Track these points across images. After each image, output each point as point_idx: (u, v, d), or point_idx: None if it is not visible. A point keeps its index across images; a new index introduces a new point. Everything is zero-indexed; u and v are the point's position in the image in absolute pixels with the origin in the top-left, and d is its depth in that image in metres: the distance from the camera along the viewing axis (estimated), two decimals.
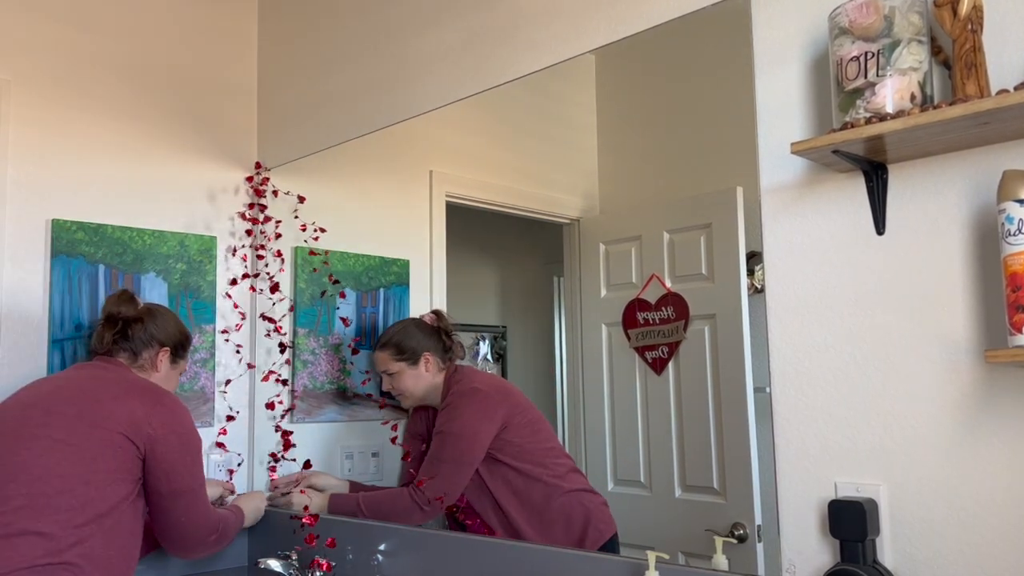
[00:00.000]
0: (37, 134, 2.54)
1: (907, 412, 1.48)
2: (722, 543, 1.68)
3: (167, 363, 2.32)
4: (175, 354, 2.35)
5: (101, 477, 1.92)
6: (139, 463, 2.01)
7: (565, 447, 2.03)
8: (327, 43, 2.78)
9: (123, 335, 2.25)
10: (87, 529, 1.87)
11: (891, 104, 1.38)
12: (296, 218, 2.81)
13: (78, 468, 1.90)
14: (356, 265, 2.64)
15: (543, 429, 2.10)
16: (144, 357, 2.27)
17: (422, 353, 2.34)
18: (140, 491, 2.04)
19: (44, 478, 1.88)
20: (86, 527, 1.87)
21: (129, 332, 2.26)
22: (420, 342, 2.35)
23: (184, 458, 2.06)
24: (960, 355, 1.43)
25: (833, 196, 1.58)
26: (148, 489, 2.03)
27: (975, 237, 1.42)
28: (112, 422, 1.98)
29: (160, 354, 2.29)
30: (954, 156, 1.44)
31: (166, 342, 2.31)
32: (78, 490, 1.89)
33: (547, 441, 2.08)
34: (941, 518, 1.43)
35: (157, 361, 2.29)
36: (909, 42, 1.37)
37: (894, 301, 1.50)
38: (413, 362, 2.35)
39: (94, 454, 1.93)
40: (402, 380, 2.37)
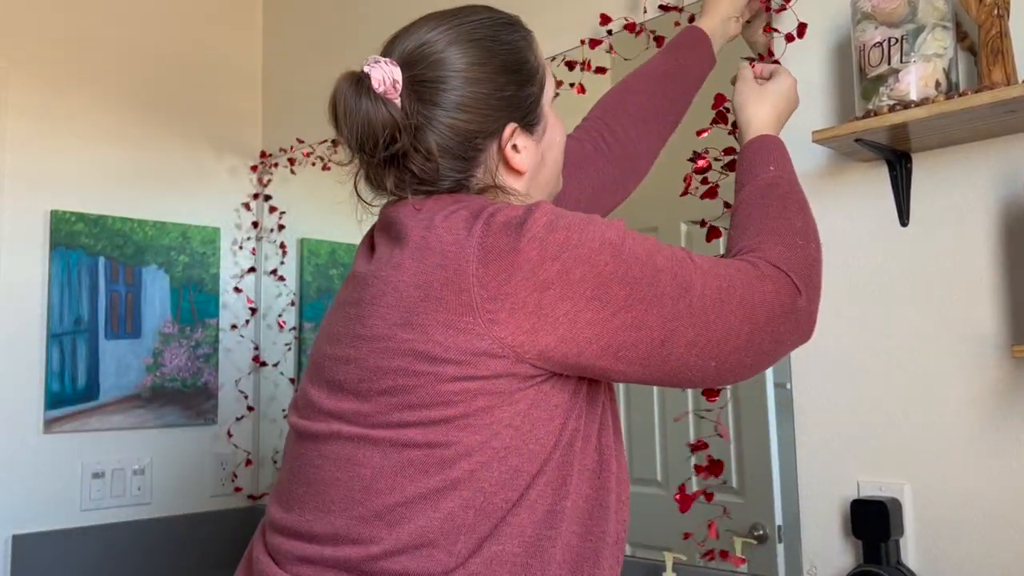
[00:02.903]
0: (35, 123, 2.57)
1: (932, 409, 1.49)
2: (741, 543, 1.70)
3: None
4: None
5: None
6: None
7: None
8: (334, 28, 2.80)
9: None
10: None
11: (915, 91, 1.39)
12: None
13: None
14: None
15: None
16: None
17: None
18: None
19: None
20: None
21: None
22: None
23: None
24: (987, 350, 1.44)
25: (855, 186, 1.59)
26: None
27: (1002, 228, 1.43)
28: None
29: None
30: (980, 145, 1.46)
31: None
32: None
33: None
34: (967, 518, 1.45)
35: None
36: (934, 28, 1.38)
37: (919, 294, 1.51)
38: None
39: None
40: None
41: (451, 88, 1.08)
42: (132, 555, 2.62)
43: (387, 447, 1.00)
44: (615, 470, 1.10)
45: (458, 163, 1.10)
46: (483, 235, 0.99)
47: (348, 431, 1.02)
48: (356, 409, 1.02)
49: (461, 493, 0.99)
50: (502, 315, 0.97)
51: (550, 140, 1.18)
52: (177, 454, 2.75)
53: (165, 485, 2.73)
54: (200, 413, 2.80)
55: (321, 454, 1.05)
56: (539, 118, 1.16)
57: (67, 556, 2.50)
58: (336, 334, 1.08)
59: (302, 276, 2.82)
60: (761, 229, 1.17)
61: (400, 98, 1.08)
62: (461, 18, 1.13)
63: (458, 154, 1.09)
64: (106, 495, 2.61)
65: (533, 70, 1.15)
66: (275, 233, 2.92)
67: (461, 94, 1.08)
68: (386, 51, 1.14)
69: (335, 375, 1.05)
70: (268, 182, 2.98)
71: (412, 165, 1.09)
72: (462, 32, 1.11)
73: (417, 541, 0.98)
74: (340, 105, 1.09)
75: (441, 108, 1.08)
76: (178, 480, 2.75)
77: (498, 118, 1.11)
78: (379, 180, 1.12)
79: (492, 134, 1.11)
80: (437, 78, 1.09)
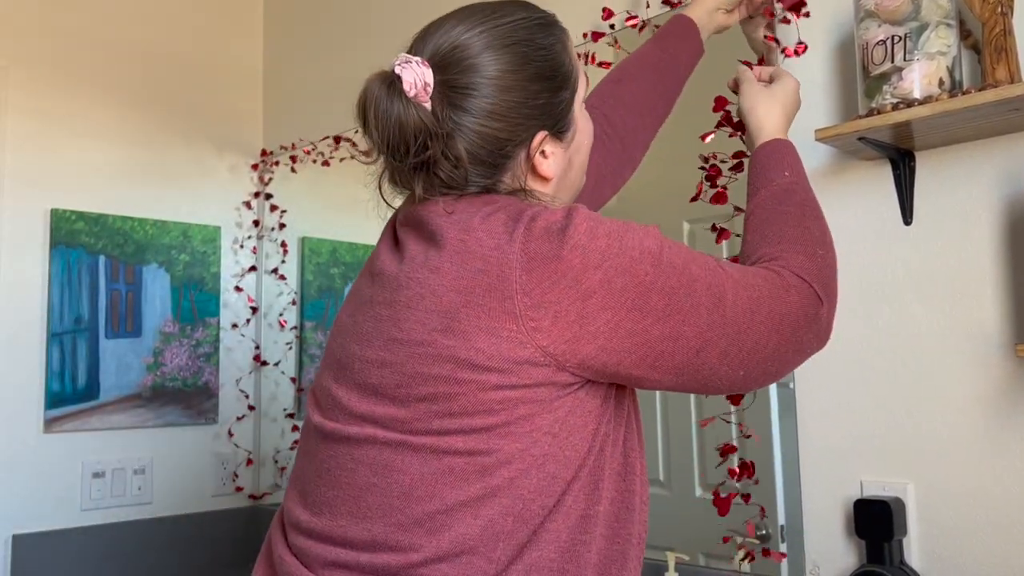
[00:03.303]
0: (35, 121, 2.58)
1: (936, 408, 1.49)
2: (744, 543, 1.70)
3: None
4: None
5: None
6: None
7: None
8: (336, 26, 2.80)
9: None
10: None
11: (919, 89, 1.39)
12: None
13: None
14: (366, 256, 2.67)
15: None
16: None
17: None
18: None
19: None
20: None
21: None
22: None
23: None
24: (991, 349, 1.44)
25: (859, 185, 1.59)
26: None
27: (1006, 227, 1.43)
28: None
29: None
30: (984, 143, 1.46)
31: None
32: None
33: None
34: (971, 518, 1.45)
35: None
36: (937, 25, 1.38)
37: (922, 293, 1.52)
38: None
39: None
40: None
41: (483, 95, 1.07)
42: (133, 555, 2.62)
43: (427, 454, 0.99)
44: (639, 472, 1.11)
45: (486, 169, 1.09)
46: (525, 241, 0.98)
47: (385, 436, 1.02)
48: (393, 415, 1.01)
49: (501, 500, 0.99)
50: (545, 323, 0.97)
51: (578, 144, 1.18)
52: (178, 454, 2.76)
53: (166, 485, 2.73)
54: (201, 412, 2.80)
55: (354, 458, 1.04)
56: (569, 124, 1.15)
57: (67, 556, 2.51)
58: (366, 334, 1.07)
59: (303, 275, 2.82)
60: (782, 237, 1.18)
61: (431, 102, 1.07)
62: (497, 18, 1.12)
63: (487, 161, 1.09)
64: (106, 495, 2.61)
65: (567, 74, 1.14)
66: (276, 232, 2.93)
67: (493, 101, 1.07)
68: (416, 48, 1.12)
69: (367, 378, 1.04)
70: (269, 180, 2.99)
71: (440, 171, 1.07)
72: (497, 35, 1.10)
73: (457, 548, 0.98)
74: (371, 108, 1.07)
75: (471, 115, 1.07)
76: (179, 480, 2.76)
77: (529, 126, 1.10)
78: (407, 184, 1.11)
79: (522, 142, 1.10)
80: (469, 84, 1.07)
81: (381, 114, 1.05)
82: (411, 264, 1.05)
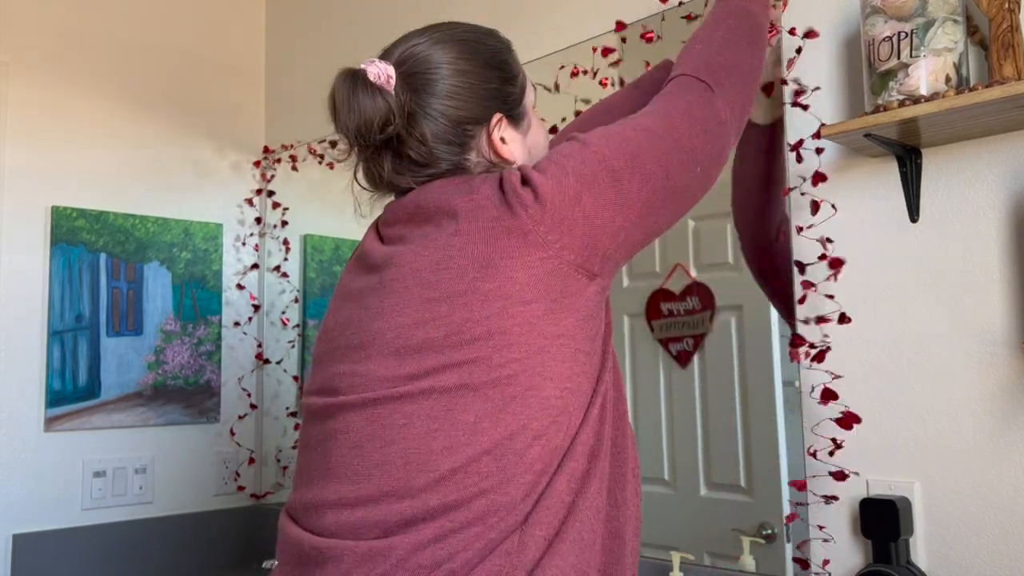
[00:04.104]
0: (37, 118, 2.59)
1: (942, 407, 1.50)
2: (749, 543, 1.71)
3: None
4: None
5: None
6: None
7: None
8: (338, 22, 2.81)
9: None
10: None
11: (925, 86, 1.40)
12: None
13: None
14: None
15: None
16: None
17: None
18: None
19: None
20: None
21: None
22: None
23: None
24: (997, 347, 1.45)
25: (865, 182, 1.60)
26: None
27: (1013, 224, 1.44)
28: None
29: None
30: (991, 140, 1.46)
31: None
32: None
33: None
34: (977, 517, 1.46)
35: None
36: (944, 22, 1.39)
37: (929, 291, 1.52)
38: None
39: None
40: None
41: (441, 77, 1.23)
42: (134, 555, 2.64)
43: (489, 389, 1.10)
44: (625, 404, 1.27)
45: (452, 148, 1.23)
46: (512, 189, 1.13)
47: (443, 384, 1.10)
48: (446, 361, 1.11)
49: (557, 420, 1.12)
50: (565, 239, 1.12)
51: (535, 139, 1.33)
52: (179, 453, 2.77)
53: (167, 484, 2.74)
54: (202, 411, 2.81)
55: (407, 414, 1.11)
56: (523, 115, 1.31)
57: (68, 556, 2.52)
58: (388, 309, 1.16)
59: (305, 272, 2.83)
60: (690, 54, 1.36)
61: (395, 90, 1.21)
62: (445, 27, 1.29)
63: (451, 139, 1.23)
64: (107, 494, 2.62)
65: (514, 72, 1.30)
66: (278, 229, 2.94)
67: (450, 83, 1.23)
68: (381, 58, 1.26)
69: (407, 341, 1.13)
70: (271, 178, 2.99)
71: (408, 150, 1.22)
72: (446, 35, 1.26)
73: (523, 468, 1.10)
74: (338, 96, 1.21)
75: (433, 96, 1.22)
76: (180, 479, 2.77)
77: (485, 107, 1.25)
78: (377, 167, 1.25)
79: (480, 121, 1.25)
80: (427, 69, 1.23)
81: (347, 100, 1.20)
82: (424, 240, 1.17)
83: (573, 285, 1.13)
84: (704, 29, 1.40)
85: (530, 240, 1.11)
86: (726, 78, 1.31)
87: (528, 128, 1.32)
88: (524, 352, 1.10)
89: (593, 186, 1.14)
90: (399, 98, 1.20)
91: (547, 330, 1.11)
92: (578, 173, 1.14)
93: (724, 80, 1.30)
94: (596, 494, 1.15)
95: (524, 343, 1.10)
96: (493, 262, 1.11)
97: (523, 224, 1.11)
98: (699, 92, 1.28)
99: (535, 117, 1.35)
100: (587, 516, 1.13)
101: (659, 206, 1.20)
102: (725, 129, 1.28)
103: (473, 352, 1.10)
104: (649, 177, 1.18)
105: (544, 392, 1.11)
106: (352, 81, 1.20)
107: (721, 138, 1.27)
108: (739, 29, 1.39)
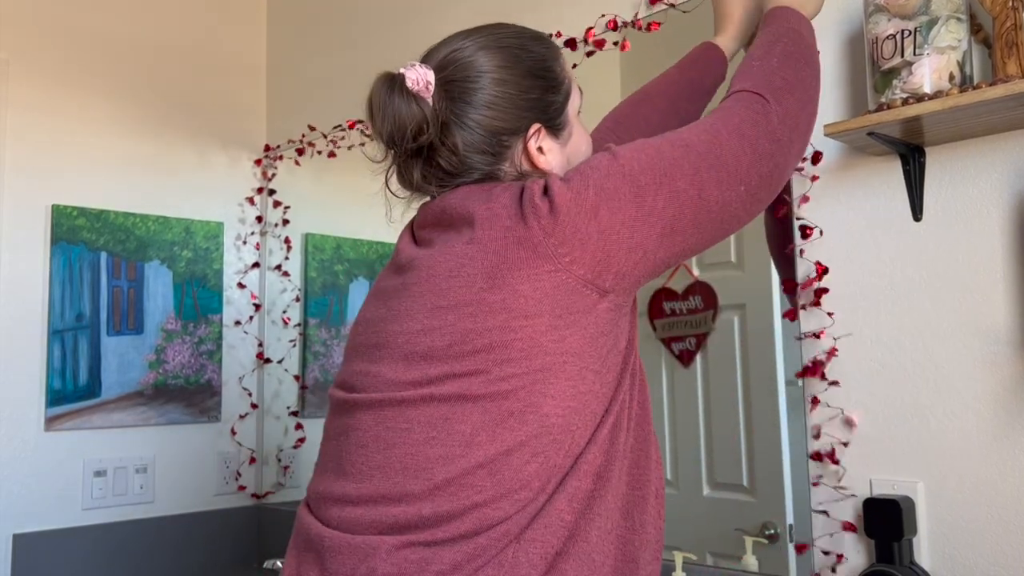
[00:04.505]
0: (37, 116, 2.59)
1: (945, 406, 1.50)
2: (752, 543, 1.71)
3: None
4: None
5: None
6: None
7: None
8: (340, 19, 2.81)
9: None
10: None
11: (929, 84, 1.40)
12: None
13: None
14: (369, 253, 2.68)
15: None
16: None
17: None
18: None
19: None
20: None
21: None
22: None
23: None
24: (1001, 346, 1.45)
25: (868, 180, 1.60)
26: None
27: (1017, 223, 1.44)
28: None
29: None
30: (995, 139, 1.47)
31: None
32: None
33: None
34: (981, 517, 1.46)
35: None
36: (947, 20, 1.39)
37: (932, 290, 1.53)
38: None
39: None
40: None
41: (480, 88, 1.19)
42: (134, 555, 2.64)
43: (486, 402, 1.09)
44: (651, 424, 1.23)
45: (486, 157, 1.20)
46: (531, 199, 1.11)
47: (442, 392, 1.10)
48: (448, 371, 1.10)
49: (555, 437, 1.09)
50: (576, 253, 1.09)
51: (575, 148, 1.28)
52: (180, 452, 2.77)
53: (168, 484, 2.75)
54: (203, 410, 2.82)
55: (408, 418, 1.12)
56: (564, 124, 1.26)
57: (68, 556, 2.52)
58: (404, 312, 1.17)
59: (307, 271, 2.83)
60: (750, 74, 1.28)
61: (432, 98, 1.18)
62: (491, 30, 1.25)
63: (484, 149, 1.20)
64: (108, 494, 2.63)
65: (559, 80, 1.25)
66: (279, 228, 2.94)
67: (489, 93, 1.19)
68: (422, 60, 1.25)
69: (415, 347, 1.13)
70: (273, 176, 3.00)
71: (440, 159, 1.20)
72: (492, 41, 1.22)
73: (517, 485, 1.08)
74: (375, 100, 1.20)
75: (471, 106, 1.19)
76: (181, 478, 2.77)
77: (524, 118, 1.21)
78: (408, 172, 1.24)
79: (518, 132, 1.21)
80: (466, 78, 1.20)
81: (383, 105, 1.18)
82: (444, 245, 1.17)
83: (582, 301, 1.11)
84: (759, 48, 1.33)
85: (539, 252, 1.10)
86: (787, 95, 1.25)
87: (569, 137, 1.28)
88: (524, 368, 1.09)
89: (613, 200, 1.10)
90: (435, 107, 1.19)
91: (550, 347, 1.09)
92: (599, 186, 1.10)
93: (785, 97, 1.24)
94: (606, 515, 1.13)
95: (525, 359, 1.09)
96: (501, 273, 1.10)
97: (534, 235, 1.10)
98: (756, 108, 1.21)
99: (578, 124, 1.30)
100: (595, 537, 1.11)
101: (688, 225, 1.14)
102: (781, 148, 1.21)
103: (474, 364, 1.10)
104: (677, 194, 1.13)
105: (544, 409, 1.09)
106: (389, 86, 1.19)
107: (775, 157, 1.20)
108: (795, 48, 1.32)
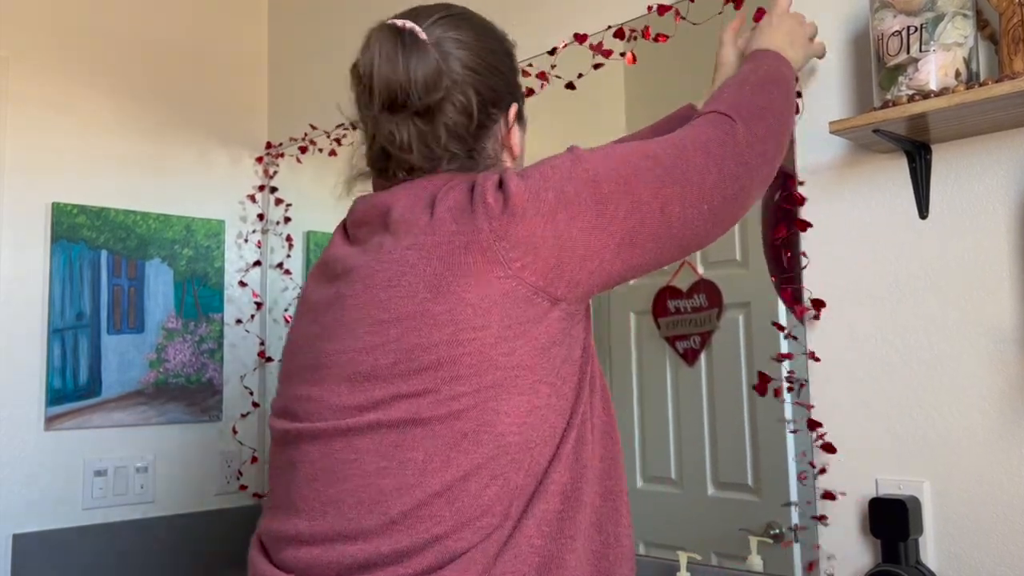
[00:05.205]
0: (37, 113, 2.60)
1: (952, 405, 1.50)
2: (757, 543, 1.71)
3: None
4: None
5: None
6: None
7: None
8: (342, 16, 2.82)
9: None
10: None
11: (935, 81, 1.40)
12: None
13: None
14: None
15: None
16: None
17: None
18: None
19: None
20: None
21: None
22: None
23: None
24: (1007, 344, 1.45)
25: (874, 178, 1.60)
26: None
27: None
28: None
29: None
30: (1002, 136, 1.47)
31: None
32: None
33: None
34: (988, 517, 1.46)
35: None
36: (954, 16, 1.39)
37: (938, 289, 1.53)
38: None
39: None
40: None
41: (471, 49, 1.17)
42: (135, 554, 2.65)
43: (436, 425, 1.03)
44: (617, 431, 1.19)
45: (471, 130, 1.18)
46: (483, 197, 1.06)
47: (389, 418, 1.04)
48: (395, 392, 1.04)
49: (513, 456, 1.04)
50: (528, 259, 1.04)
51: (522, 149, 1.29)
52: (181, 451, 2.78)
53: (168, 483, 2.75)
54: (204, 410, 2.82)
55: (357, 448, 1.06)
56: (524, 116, 1.28)
57: (68, 555, 2.53)
58: (342, 328, 1.09)
59: (308, 269, 2.83)
60: (721, 98, 1.30)
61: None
62: (458, 7, 1.24)
63: (476, 118, 1.17)
64: (108, 493, 2.63)
65: (518, 69, 1.28)
66: (281, 226, 2.94)
67: (479, 57, 1.18)
68: (405, 18, 1.21)
69: (357, 367, 1.06)
70: (274, 174, 3.00)
71: (444, 119, 1.15)
72: (464, 13, 1.22)
73: (479, 511, 1.02)
74: (381, 51, 1.14)
75: (467, 68, 1.16)
76: (182, 478, 2.78)
77: (509, 93, 1.22)
78: (398, 134, 1.16)
79: (500, 107, 1.21)
80: (457, 39, 1.17)
81: (392, 58, 1.13)
82: (380, 250, 1.10)
83: (532, 310, 1.05)
84: (736, 77, 1.35)
85: (488, 256, 1.03)
86: (758, 120, 1.25)
87: (522, 135, 1.27)
88: (475, 385, 1.02)
89: (572, 205, 1.06)
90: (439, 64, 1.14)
91: (500, 360, 1.03)
92: (559, 189, 1.05)
93: (754, 122, 1.24)
94: (580, 534, 1.07)
95: (475, 375, 1.02)
96: (445, 281, 1.03)
97: (483, 238, 1.04)
98: (724, 129, 1.20)
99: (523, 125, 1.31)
100: (572, 562, 1.06)
101: (647, 239, 1.11)
102: (747, 171, 1.20)
103: (422, 383, 1.03)
104: (639, 206, 1.09)
105: (498, 428, 1.03)
106: (398, 37, 1.13)
107: (740, 180, 1.19)
108: (770, 81, 1.34)
